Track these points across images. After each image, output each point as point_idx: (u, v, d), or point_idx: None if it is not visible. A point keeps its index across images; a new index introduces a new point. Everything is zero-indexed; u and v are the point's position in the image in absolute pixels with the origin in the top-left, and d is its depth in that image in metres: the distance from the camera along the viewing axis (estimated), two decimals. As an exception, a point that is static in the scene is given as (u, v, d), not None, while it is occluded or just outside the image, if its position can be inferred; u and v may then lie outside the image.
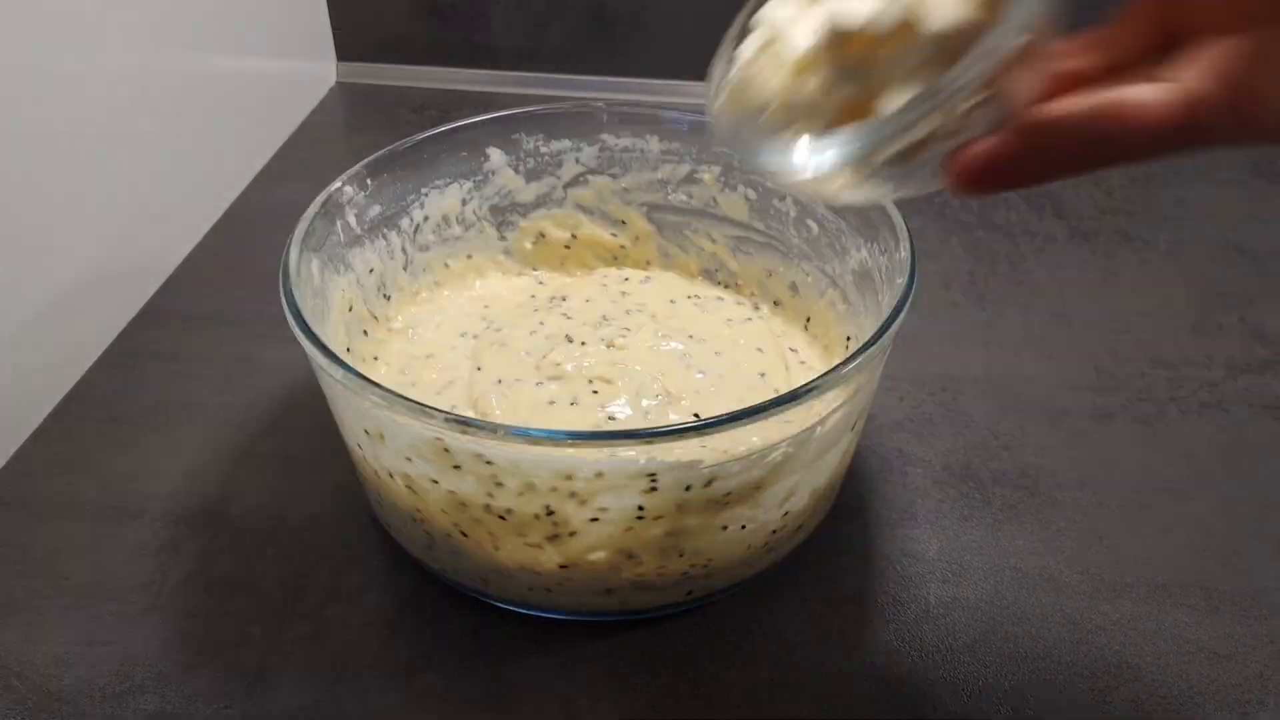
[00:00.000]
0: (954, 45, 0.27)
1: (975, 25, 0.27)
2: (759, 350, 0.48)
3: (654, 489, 0.36)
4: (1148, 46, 0.28)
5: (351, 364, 0.37)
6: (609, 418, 0.43)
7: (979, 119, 0.28)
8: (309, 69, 0.81)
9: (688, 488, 0.36)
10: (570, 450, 0.34)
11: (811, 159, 0.30)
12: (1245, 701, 0.39)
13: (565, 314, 0.50)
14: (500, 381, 0.45)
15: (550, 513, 0.37)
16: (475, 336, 0.50)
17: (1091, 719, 0.39)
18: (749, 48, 0.32)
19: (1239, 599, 0.43)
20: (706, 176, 0.52)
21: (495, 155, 0.52)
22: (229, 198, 0.68)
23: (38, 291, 0.50)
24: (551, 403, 0.44)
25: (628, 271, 0.54)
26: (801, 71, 0.30)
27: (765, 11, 0.32)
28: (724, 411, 0.35)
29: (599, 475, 0.35)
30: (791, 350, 0.50)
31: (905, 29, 0.28)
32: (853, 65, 0.29)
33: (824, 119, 0.30)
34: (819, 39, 0.30)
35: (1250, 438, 0.50)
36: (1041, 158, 0.28)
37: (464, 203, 0.53)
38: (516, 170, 0.53)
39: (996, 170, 0.28)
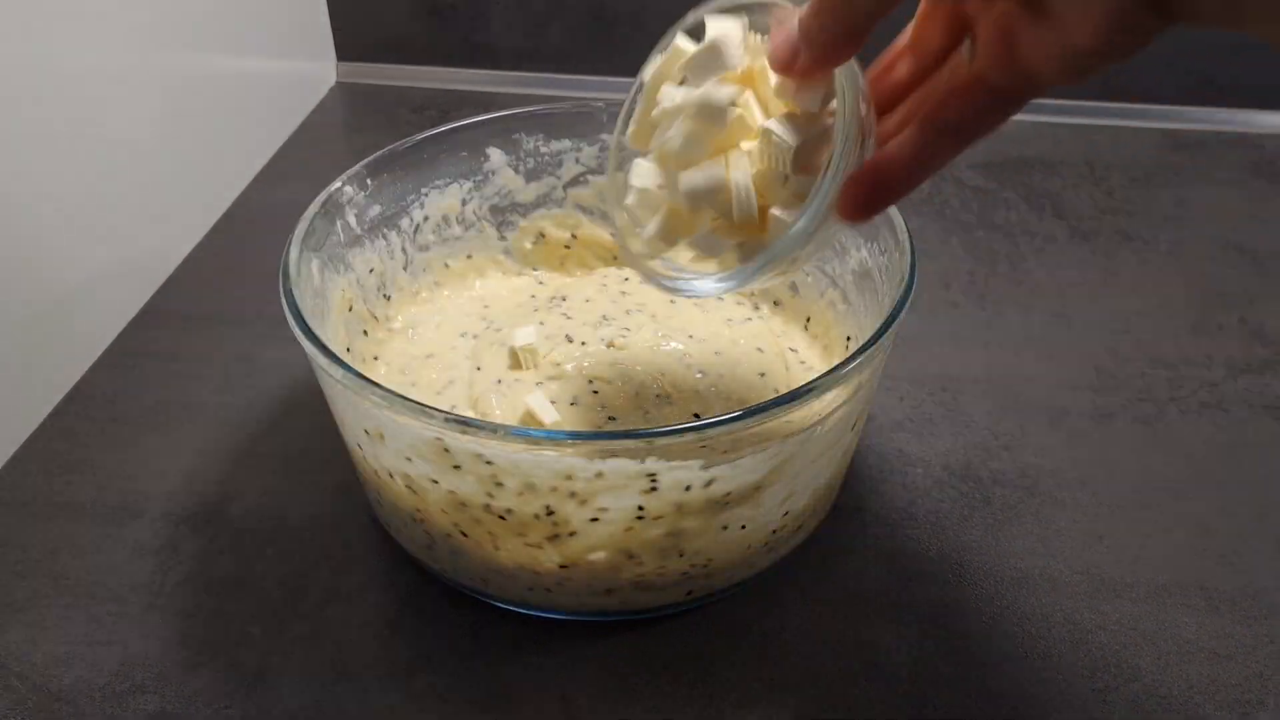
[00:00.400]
0: (813, 149, 0.32)
1: (822, 124, 0.32)
2: (759, 350, 0.48)
3: (654, 489, 0.36)
4: (948, 40, 0.33)
5: (351, 364, 0.37)
6: (609, 418, 0.44)
7: (853, 164, 0.32)
8: (309, 69, 0.81)
9: (687, 488, 0.36)
10: (570, 450, 0.34)
11: (734, 283, 0.35)
12: (1245, 701, 0.39)
13: (565, 314, 0.50)
14: (500, 381, 0.45)
15: (550, 513, 0.37)
16: (475, 336, 0.50)
17: (1091, 719, 0.39)
18: (630, 201, 0.37)
19: (1239, 599, 0.43)
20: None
21: (495, 155, 0.52)
22: (229, 198, 0.68)
23: (38, 291, 0.50)
24: (552, 402, 0.44)
25: (628, 271, 0.54)
26: (694, 212, 0.35)
27: (633, 180, 0.37)
28: (724, 411, 0.35)
29: (599, 475, 0.35)
30: (791, 350, 0.50)
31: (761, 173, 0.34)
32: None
33: (731, 238, 0.35)
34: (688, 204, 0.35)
35: (1250, 438, 0.50)
36: (906, 171, 0.32)
37: (464, 203, 0.53)
38: (516, 170, 0.53)
39: (878, 197, 0.32)
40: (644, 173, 0.36)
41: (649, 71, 0.36)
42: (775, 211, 0.33)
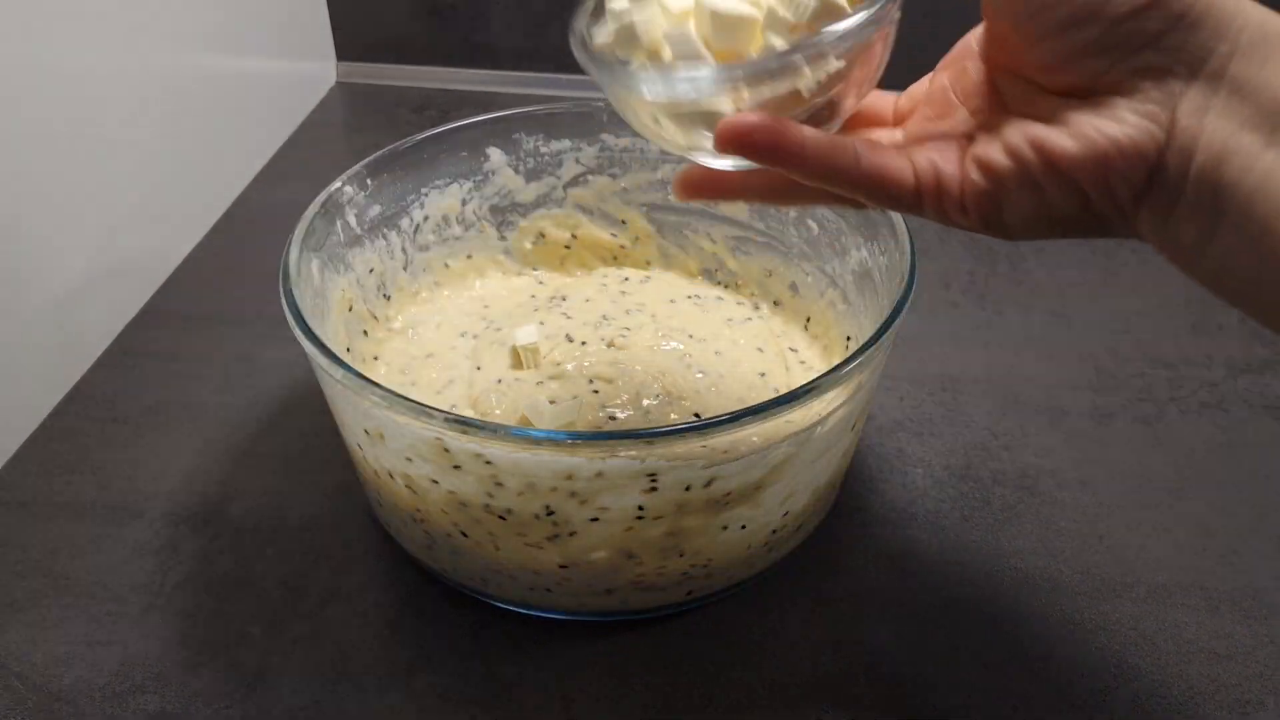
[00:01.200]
0: (832, 18, 0.30)
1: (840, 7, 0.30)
2: (759, 350, 0.48)
3: (654, 489, 0.36)
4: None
5: (351, 364, 0.37)
6: (609, 418, 0.44)
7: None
8: (309, 69, 0.81)
9: (688, 488, 0.36)
10: (570, 450, 0.34)
11: (687, 82, 0.31)
12: (1245, 701, 0.39)
13: (565, 314, 0.50)
14: (500, 381, 0.45)
15: (550, 513, 0.37)
16: (475, 336, 0.50)
17: (1091, 719, 0.39)
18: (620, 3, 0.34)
19: (1239, 599, 0.43)
20: (706, 176, 0.52)
21: (495, 155, 0.52)
22: (229, 198, 0.68)
23: (38, 291, 0.50)
24: (552, 402, 0.44)
25: (628, 271, 0.54)
26: (682, 19, 0.32)
27: None
28: (724, 411, 0.35)
29: (599, 475, 0.35)
30: (791, 350, 0.50)
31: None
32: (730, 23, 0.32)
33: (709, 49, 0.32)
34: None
35: (1250, 438, 0.50)
36: (802, 162, 0.30)
37: (464, 203, 0.53)
38: (516, 170, 0.53)
39: (759, 149, 0.29)
40: None
41: None
42: (771, 36, 0.31)
